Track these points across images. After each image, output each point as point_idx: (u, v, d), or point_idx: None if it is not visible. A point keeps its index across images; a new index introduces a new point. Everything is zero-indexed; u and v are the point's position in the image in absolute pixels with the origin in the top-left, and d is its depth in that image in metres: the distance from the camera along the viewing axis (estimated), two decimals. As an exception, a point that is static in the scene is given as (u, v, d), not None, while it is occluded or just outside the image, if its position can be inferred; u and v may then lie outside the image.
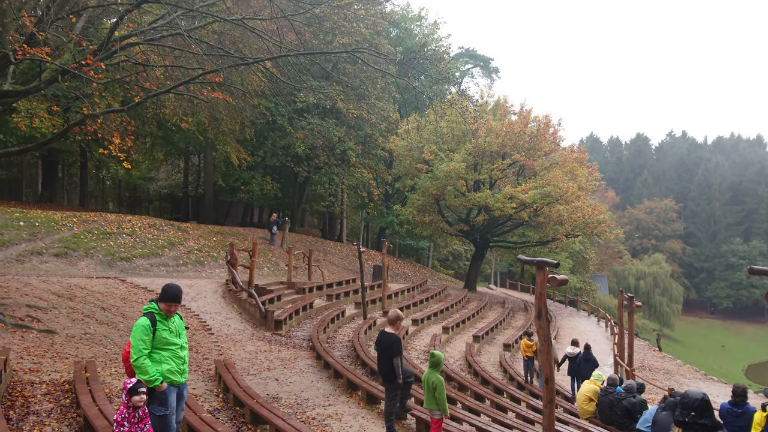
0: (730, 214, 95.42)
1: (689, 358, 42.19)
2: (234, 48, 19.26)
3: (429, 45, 43.30)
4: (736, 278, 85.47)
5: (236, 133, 31.63)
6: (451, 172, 33.70)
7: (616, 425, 10.80)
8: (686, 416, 5.57)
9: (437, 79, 36.84)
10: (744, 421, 8.10)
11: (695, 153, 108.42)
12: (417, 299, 28.43)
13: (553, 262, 7.82)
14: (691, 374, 25.41)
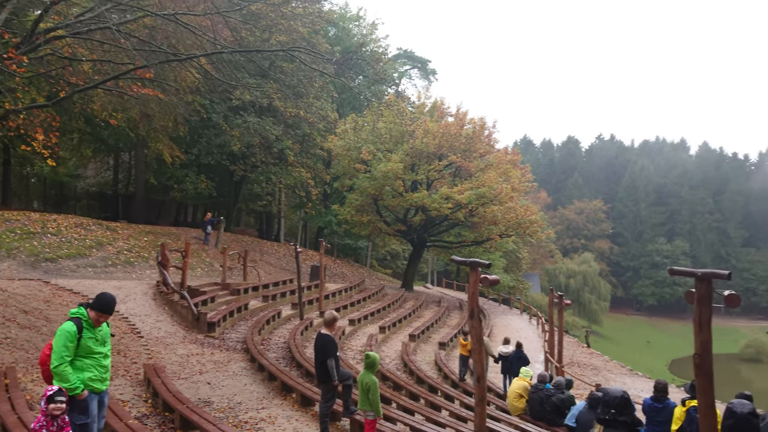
0: (655, 214, 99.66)
1: (616, 354, 43.83)
2: (166, 43, 18.76)
3: (367, 45, 43.43)
4: (660, 277, 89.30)
5: (169, 130, 30.81)
6: (389, 173, 33.89)
7: (545, 421, 11.11)
8: (607, 414, 5.79)
9: (375, 79, 37.02)
10: (665, 416, 8.47)
11: (623, 156, 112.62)
12: (354, 299, 28.43)
13: (485, 262, 7.99)
14: (617, 370, 26.42)
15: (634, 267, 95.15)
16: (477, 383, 8.16)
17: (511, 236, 39.47)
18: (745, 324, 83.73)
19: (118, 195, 39.76)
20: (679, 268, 6.44)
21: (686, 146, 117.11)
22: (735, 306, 6.10)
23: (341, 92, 42.65)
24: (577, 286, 70.09)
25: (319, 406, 9.42)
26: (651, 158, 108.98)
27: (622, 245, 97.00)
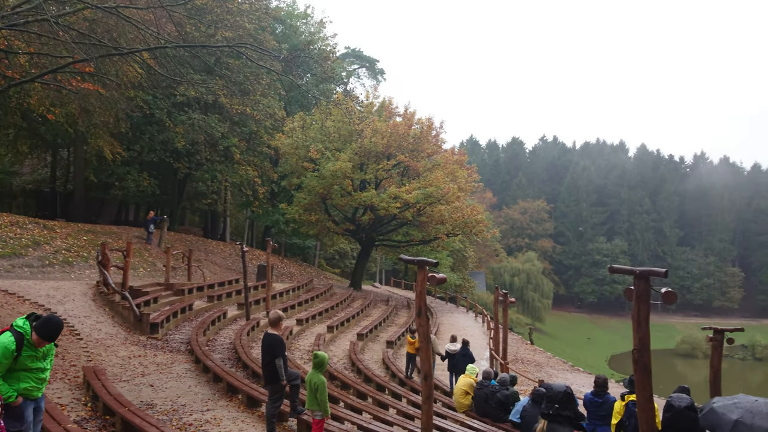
0: (596, 214, 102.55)
1: (558, 350, 44.96)
2: (107, 37, 18.18)
3: (315, 43, 43.16)
4: (601, 275, 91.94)
5: (110, 126, 29.84)
6: (338, 172, 33.80)
7: (490, 417, 11.29)
8: (550, 409, 5.91)
9: (323, 77, 36.84)
10: (605, 410, 8.74)
11: (565, 157, 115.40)
12: (302, 299, 28.26)
13: (432, 261, 8.06)
14: (559, 366, 27.09)
15: (576, 266, 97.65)
16: (424, 381, 8.22)
17: (457, 235, 39.92)
18: (680, 320, 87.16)
19: (56, 193, 38.28)
20: (619, 267, 6.65)
21: (625, 148, 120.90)
22: (672, 303, 6.33)
23: (289, 90, 42.27)
24: (521, 285, 71.45)
25: (266, 406, 9.33)
26: (592, 159, 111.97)
27: (564, 244, 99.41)
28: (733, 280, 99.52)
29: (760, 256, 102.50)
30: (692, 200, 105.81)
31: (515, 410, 10.45)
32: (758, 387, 49.58)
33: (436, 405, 12.36)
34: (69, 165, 39.43)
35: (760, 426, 5.38)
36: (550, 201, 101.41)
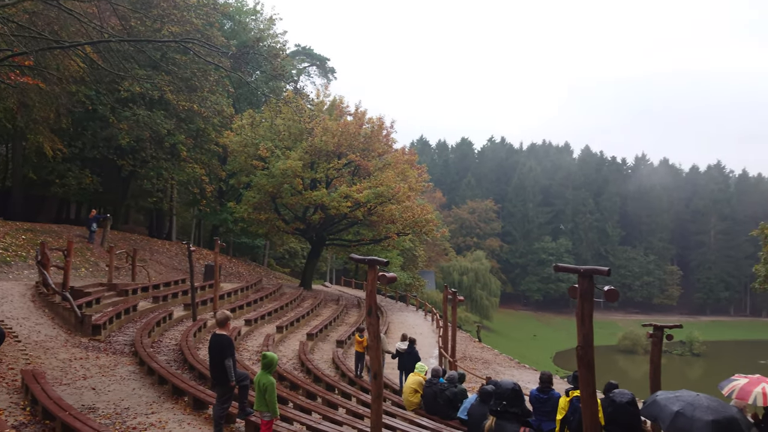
0: (542, 214, 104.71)
1: (505, 348, 45.71)
2: (48, 30, 17.55)
3: (264, 40, 42.69)
4: (546, 273, 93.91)
5: (50, 122, 28.83)
6: (288, 170, 33.55)
7: (439, 415, 11.38)
8: (498, 405, 6.00)
9: (273, 75, 36.47)
10: (550, 406, 8.92)
11: (512, 158, 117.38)
12: (251, 299, 27.94)
13: (383, 260, 8.08)
14: (506, 363, 27.56)
15: (522, 264, 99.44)
16: (374, 380, 8.24)
17: (408, 234, 40.17)
18: (621, 317, 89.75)
19: (-8, 190, 36.74)
20: (563, 265, 6.80)
21: (570, 150, 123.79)
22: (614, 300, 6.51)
23: (238, 87, 41.67)
24: (469, 283, 72.32)
25: (213, 408, 9.19)
26: (538, 160, 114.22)
27: (511, 243, 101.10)
28: (672, 278, 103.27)
29: (697, 255, 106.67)
30: (633, 201, 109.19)
31: (463, 407, 10.56)
32: (696, 382, 51.49)
33: (386, 404, 12.40)
34: (7, 161, 37.87)
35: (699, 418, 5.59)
36: (497, 201, 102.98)
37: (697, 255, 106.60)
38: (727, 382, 7.65)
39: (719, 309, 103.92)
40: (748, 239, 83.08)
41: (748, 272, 75.01)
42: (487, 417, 6.35)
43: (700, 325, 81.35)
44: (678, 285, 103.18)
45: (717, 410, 5.68)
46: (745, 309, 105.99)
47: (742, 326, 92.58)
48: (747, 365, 48.02)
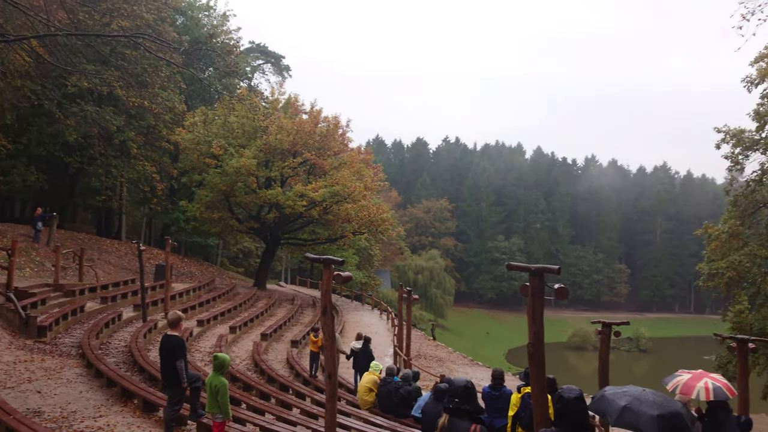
0: (495, 214, 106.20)
1: (459, 346, 46.17)
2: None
3: (218, 36, 42.09)
4: (499, 272, 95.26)
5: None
6: (242, 169, 33.17)
7: (393, 413, 11.44)
8: (451, 403, 6.07)
9: (226, 72, 35.91)
10: (502, 403, 9.05)
11: (466, 158, 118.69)
12: (203, 299, 27.51)
13: (338, 259, 8.08)
14: (460, 360, 27.87)
15: (476, 263, 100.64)
16: (328, 379, 8.23)
17: (363, 234, 40.20)
18: (571, 315, 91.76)
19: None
20: (515, 264, 6.92)
21: (522, 150, 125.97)
22: (564, 298, 6.65)
23: (190, 83, 40.94)
24: (424, 282, 72.87)
25: (164, 410, 9.04)
26: (491, 161, 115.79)
27: (466, 242, 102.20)
28: (620, 277, 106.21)
29: (643, 253, 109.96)
30: (583, 201, 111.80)
31: (417, 405, 10.64)
32: (643, 377, 53.01)
33: (341, 403, 12.40)
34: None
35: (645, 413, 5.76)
36: (452, 200, 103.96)
37: (644, 254, 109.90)
38: (672, 378, 7.88)
39: (665, 306, 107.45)
40: (692, 238, 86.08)
41: (692, 270, 77.59)
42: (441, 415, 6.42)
43: (647, 322, 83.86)
44: (626, 283, 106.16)
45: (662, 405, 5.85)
46: (689, 306, 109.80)
47: (686, 323, 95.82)
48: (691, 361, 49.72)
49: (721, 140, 24.42)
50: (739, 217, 24.24)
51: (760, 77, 23.70)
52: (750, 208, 24.01)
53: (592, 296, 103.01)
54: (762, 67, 23.75)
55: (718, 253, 24.76)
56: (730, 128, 24.24)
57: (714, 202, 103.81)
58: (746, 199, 24.07)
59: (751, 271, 23.24)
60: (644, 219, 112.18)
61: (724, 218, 25.62)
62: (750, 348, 9.73)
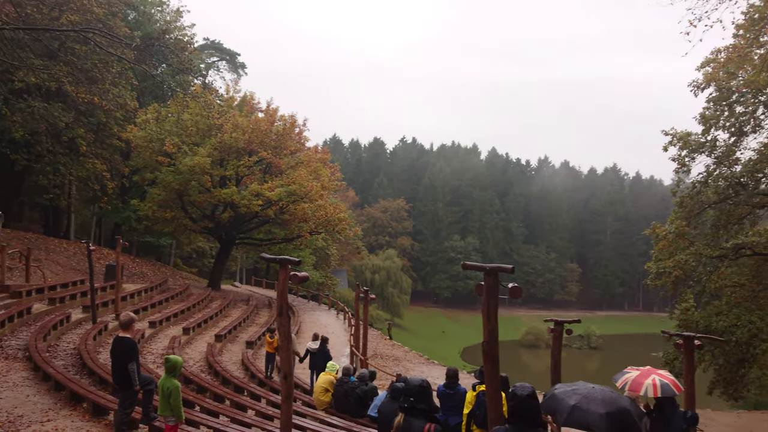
0: (451, 214, 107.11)
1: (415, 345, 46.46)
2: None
3: (171, 32, 41.33)
4: (455, 271, 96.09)
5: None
6: (196, 167, 32.67)
7: (350, 413, 11.45)
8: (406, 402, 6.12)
9: (180, 68, 35.32)
10: (456, 401, 9.15)
11: (423, 158, 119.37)
12: (156, 300, 26.99)
13: (294, 259, 8.04)
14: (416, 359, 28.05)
15: (432, 262, 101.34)
16: (284, 380, 8.19)
17: (320, 233, 40.08)
18: (525, 313, 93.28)
19: None
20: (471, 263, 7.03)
21: (477, 151, 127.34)
22: (517, 297, 6.79)
23: (142, 80, 40.04)
24: (381, 281, 73.06)
25: (115, 414, 8.86)
26: (447, 161, 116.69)
27: (422, 242, 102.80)
28: (572, 275, 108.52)
29: (594, 253, 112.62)
30: (536, 201, 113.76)
31: (373, 405, 10.67)
32: (594, 374, 54.26)
33: (296, 404, 12.35)
34: None
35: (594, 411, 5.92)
36: (409, 200, 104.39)
37: (595, 253, 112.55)
38: (621, 375, 8.09)
39: (614, 304, 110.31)
40: (640, 238, 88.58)
41: (640, 269, 79.82)
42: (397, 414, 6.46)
43: (597, 320, 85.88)
44: (577, 282, 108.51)
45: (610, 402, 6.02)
46: (638, 304, 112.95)
47: (635, 320, 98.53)
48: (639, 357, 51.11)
49: (668, 143, 25.09)
50: (685, 218, 24.99)
51: (706, 82, 24.49)
52: (696, 209, 24.77)
53: (545, 295, 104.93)
54: (708, 72, 24.55)
55: (665, 252, 25.48)
56: (678, 131, 24.92)
57: (662, 203, 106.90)
58: (692, 201, 24.83)
59: (697, 270, 24.01)
60: (595, 219, 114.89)
61: (671, 219, 26.37)
62: (696, 345, 10.10)
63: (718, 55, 24.57)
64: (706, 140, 24.31)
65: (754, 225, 25.67)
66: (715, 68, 24.34)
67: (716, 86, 24.19)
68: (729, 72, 23.38)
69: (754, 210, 24.40)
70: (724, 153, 24.01)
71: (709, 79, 24.31)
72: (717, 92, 24.27)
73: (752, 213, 24.72)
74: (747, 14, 21.95)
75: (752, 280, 24.43)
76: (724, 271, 24.79)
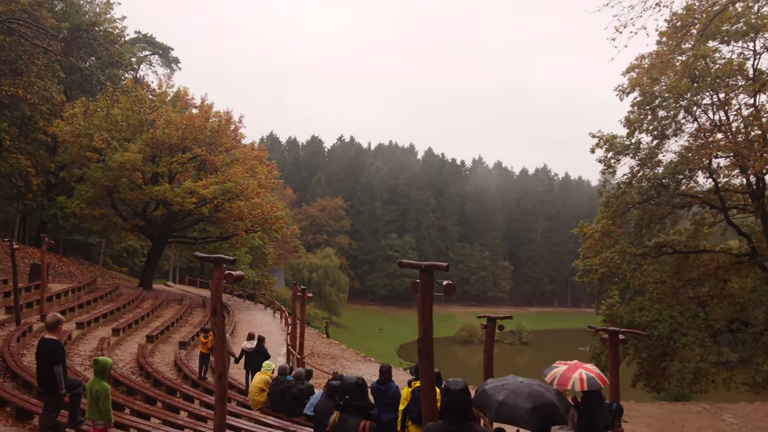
0: (388, 212, 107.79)
1: (352, 343, 46.55)
2: None
3: (101, 25, 39.84)
4: (392, 269, 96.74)
5: None
6: (126, 163, 31.72)
7: (285, 412, 11.43)
8: (342, 400, 6.20)
9: (110, 62, 34.11)
10: (389, 398, 9.27)
11: (361, 157, 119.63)
12: (84, 300, 26.07)
13: (229, 258, 7.98)
14: (353, 357, 28.16)
15: (370, 260, 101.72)
16: (218, 381, 8.12)
17: (257, 232, 39.61)
18: (459, 310, 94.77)
19: None
20: (407, 261, 7.18)
21: (414, 151, 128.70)
22: (452, 294, 6.96)
23: (70, 73, 38.49)
24: (319, 280, 72.79)
25: (40, 418, 8.57)
26: (385, 161, 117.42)
27: (360, 240, 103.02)
28: (504, 273, 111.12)
29: (525, 251, 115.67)
30: (471, 200, 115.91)
31: (309, 404, 10.69)
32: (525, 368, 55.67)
33: (231, 404, 12.23)
34: None
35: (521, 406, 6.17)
36: (347, 199, 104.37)
37: (526, 251, 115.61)
38: (550, 370, 8.41)
39: (544, 300, 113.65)
40: (569, 237, 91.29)
41: (569, 267, 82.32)
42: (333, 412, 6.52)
43: (528, 316, 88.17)
44: (509, 279, 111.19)
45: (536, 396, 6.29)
46: (566, 300, 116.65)
47: (564, 316, 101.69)
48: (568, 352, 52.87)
49: (595, 145, 25.99)
50: (611, 217, 25.97)
51: (631, 87, 25.56)
52: (620, 209, 25.78)
53: (479, 292, 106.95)
54: (633, 77, 25.64)
55: (592, 250, 26.40)
56: (604, 134, 25.86)
57: (589, 203, 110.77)
58: (617, 201, 25.83)
59: (621, 268, 25.01)
60: (526, 218, 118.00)
61: (597, 218, 27.34)
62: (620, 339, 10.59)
63: (643, 61, 25.72)
64: (631, 143, 25.33)
65: (675, 224, 26.98)
66: (639, 74, 25.44)
67: (640, 91, 25.25)
68: (652, 77, 24.45)
69: (675, 210, 25.59)
70: (648, 155, 25.10)
71: (634, 84, 25.37)
72: (641, 97, 25.32)
73: (673, 213, 25.93)
74: (670, 22, 23.04)
75: (673, 276, 25.61)
76: (647, 268, 25.91)
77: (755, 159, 20.20)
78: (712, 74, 22.87)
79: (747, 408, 21.48)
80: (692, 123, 25.38)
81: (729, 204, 25.12)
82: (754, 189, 23.80)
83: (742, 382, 25.00)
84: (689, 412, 20.89)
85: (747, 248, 24.81)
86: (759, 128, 22.43)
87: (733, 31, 22.71)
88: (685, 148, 24.39)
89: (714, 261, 24.95)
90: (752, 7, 22.84)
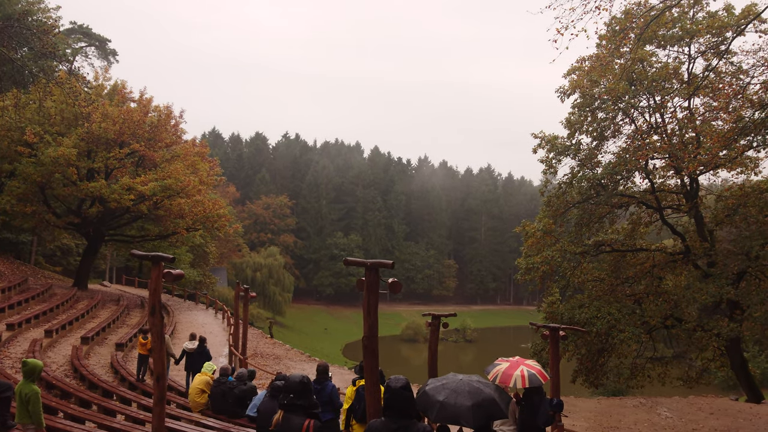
0: (334, 211, 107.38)
1: (297, 342, 46.22)
2: None
3: (34, 14, 38.26)
4: (338, 268, 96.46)
5: None
6: (60, 158, 30.51)
7: (227, 414, 11.18)
8: (286, 399, 6.07)
9: (43, 53, 32.74)
10: (325, 396, 9.20)
11: (306, 155, 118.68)
12: (14, 300, 24.94)
13: (168, 256, 7.73)
14: (297, 357, 27.91)
15: (315, 259, 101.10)
16: (156, 383, 7.86)
17: (198, 230, 38.73)
18: (405, 308, 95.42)
19: None
20: (352, 259, 7.10)
21: (361, 149, 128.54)
22: (397, 291, 6.93)
23: (0, 64, 36.76)
24: (263, 279, 71.86)
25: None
26: (331, 159, 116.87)
27: (305, 239, 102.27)
28: (449, 271, 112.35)
29: (469, 250, 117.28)
30: (417, 199, 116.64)
31: (252, 404, 10.50)
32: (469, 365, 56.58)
33: (170, 406, 11.90)
34: None
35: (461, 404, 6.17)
36: (292, 197, 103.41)
37: (470, 250, 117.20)
38: (492, 367, 8.49)
39: (488, 298, 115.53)
40: (512, 235, 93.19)
41: (511, 265, 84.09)
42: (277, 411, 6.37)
43: (472, 314, 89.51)
44: (454, 277, 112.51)
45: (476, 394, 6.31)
46: (509, 298, 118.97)
47: (506, 314, 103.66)
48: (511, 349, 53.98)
49: (537, 145, 26.57)
50: (552, 216, 26.59)
51: (571, 89, 26.20)
52: (561, 209, 26.43)
53: (424, 290, 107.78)
54: (573, 79, 26.30)
55: (533, 249, 26.94)
56: (546, 135, 26.47)
57: (531, 202, 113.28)
58: (558, 200, 26.47)
59: (562, 266, 25.61)
60: (471, 217, 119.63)
61: (539, 217, 27.94)
62: (560, 335, 10.79)
63: (583, 64, 26.41)
64: (572, 143, 25.99)
65: (613, 223, 27.83)
66: (580, 76, 26.11)
67: (581, 93, 25.94)
68: (592, 80, 25.14)
69: (613, 209, 26.40)
70: (587, 156, 25.80)
71: (575, 86, 26.03)
72: (581, 98, 26.02)
73: (611, 212, 26.74)
74: (609, 26, 23.73)
75: (611, 274, 26.39)
76: (586, 266, 26.61)
77: (689, 160, 20.96)
78: (649, 77, 23.68)
79: (681, 402, 22.31)
80: (630, 125, 26.24)
81: (664, 204, 26.06)
82: (688, 190, 24.76)
83: (677, 377, 26.01)
84: (626, 407, 21.54)
85: (681, 247, 25.80)
86: (693, 130, 23.35)
87: (669, 36, 23.59)
88: (623, 149, 25.19)
89: (650, 259, 25.82)
90: (687, 13, 23.79)
